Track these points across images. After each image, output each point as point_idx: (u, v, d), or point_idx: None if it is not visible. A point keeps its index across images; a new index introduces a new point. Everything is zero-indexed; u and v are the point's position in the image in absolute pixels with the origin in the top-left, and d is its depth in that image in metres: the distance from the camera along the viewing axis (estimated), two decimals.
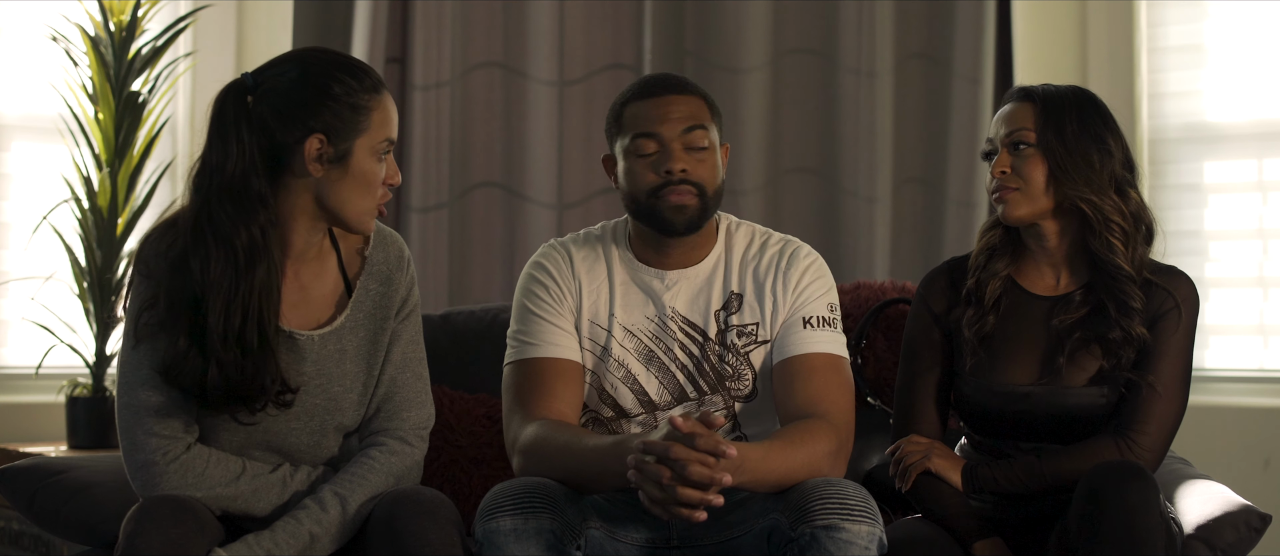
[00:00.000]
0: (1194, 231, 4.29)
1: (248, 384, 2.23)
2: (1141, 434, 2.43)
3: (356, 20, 3.93)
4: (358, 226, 2.32)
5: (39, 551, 3.47)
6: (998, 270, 2.56)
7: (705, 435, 2.15)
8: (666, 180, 2.45)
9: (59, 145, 3.84)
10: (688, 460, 2.14)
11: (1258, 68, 4.25)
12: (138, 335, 2.26)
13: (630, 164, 2.49)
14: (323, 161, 2.24)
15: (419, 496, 2.27)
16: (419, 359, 2.45)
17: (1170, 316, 2.47)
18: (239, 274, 2.20)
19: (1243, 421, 4.10)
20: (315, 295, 2.37)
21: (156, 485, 2.25)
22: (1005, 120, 2.52)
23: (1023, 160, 2.48)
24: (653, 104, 2.48)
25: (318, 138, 2.23)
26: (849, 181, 4.23)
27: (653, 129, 2.46)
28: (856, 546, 2.17)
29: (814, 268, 2.55)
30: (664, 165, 2.45)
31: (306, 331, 2.34)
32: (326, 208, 2.29)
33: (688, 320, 2.53)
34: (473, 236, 4.04)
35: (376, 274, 2.41)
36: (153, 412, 2.25)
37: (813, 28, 4.25)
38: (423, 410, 2.43)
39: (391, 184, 2.31)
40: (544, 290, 2.54)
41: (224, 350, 2.20)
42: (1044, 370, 2.50)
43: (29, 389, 3.90)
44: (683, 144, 2.46)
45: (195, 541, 2.17)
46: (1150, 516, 2.24)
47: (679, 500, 2.15)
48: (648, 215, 2.49)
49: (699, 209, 2.48)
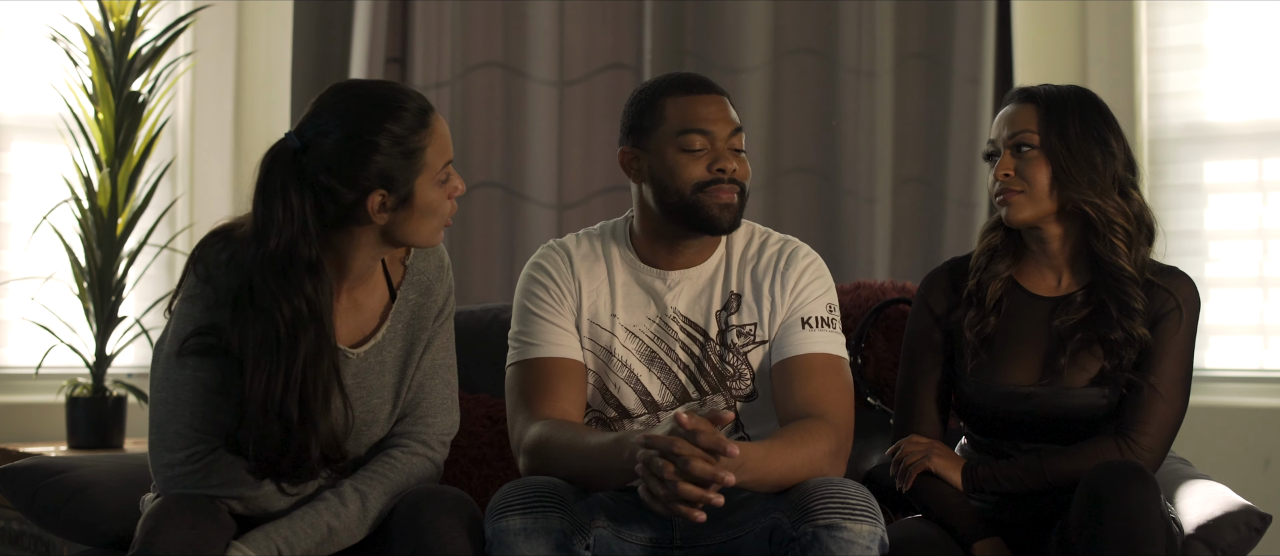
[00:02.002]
0: (1194, 231, 4.29)
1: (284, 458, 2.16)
2: (1142, 434, 2.43)
3: (356, 20, 3.93)
4: (429, 245, 2.30)
5: (39, 551, 3.47)
6: (999, 271, 2.56)
7: (708, 432, 2.15)
8: (717, 177, 2.45)
9: (59, 145, 3.84)
10: (691, 455, 2.14)
11: (1258, 68, 4.25)
12: (181, 350, 2.21)
13: (674, 158, 2.47)
14: (386, 209, 2.21)
15: (443, 494, 2.26)
16: (449, 366, 2.43)
17: (1171, 317, 2.47)
18: (280, 348, 2.14)
19: (1243, 421, 4.10)
20: (366, 310, 2.35)
21: (180, 485, 2.23)
22: (1007, 122, 2.51)
23: (1026, 163, 2.48)
24: (702, 101, 2.48)
25: (379, 193, 2.18)
26: (849, 181, 4.23)
27: (706, 127, 2.46)
28: (858, 546, 2.17)
29: (812, 268, 2.54)
30: (717, 163, 2.45)
31: (354, 349, 2.32)
32: (395, 240, 2.27)
33: (689, 320, 2.53)
34: (473, 236, 4.04)
35: (416, 283, 2.39)
36: (187, 414, 2.22)
37: (813, 28, 4.25)
38: (448, 417, 2.41)
39: (456, 196, 2.27)
40: (544, 291, 2.54)
41: (264, 421, 2.14)
42: (1045, 371, 2.50)
43: (29, 389, 3.90)
44: (729, 145, 2.47)
45: (214, 540, 2.16)
46: (1151, 517, 2.24)
47: (680, 496, 2.15)
48: (687, 210, 2.47)
49: (739, 209, 2.48)
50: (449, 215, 2.27)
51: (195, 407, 2.21)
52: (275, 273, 2.14)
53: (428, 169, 2.21)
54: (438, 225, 2.27)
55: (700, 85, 2.51)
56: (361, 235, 2.25)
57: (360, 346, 2.33)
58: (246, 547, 2.18)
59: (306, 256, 2.15)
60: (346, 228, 2.23)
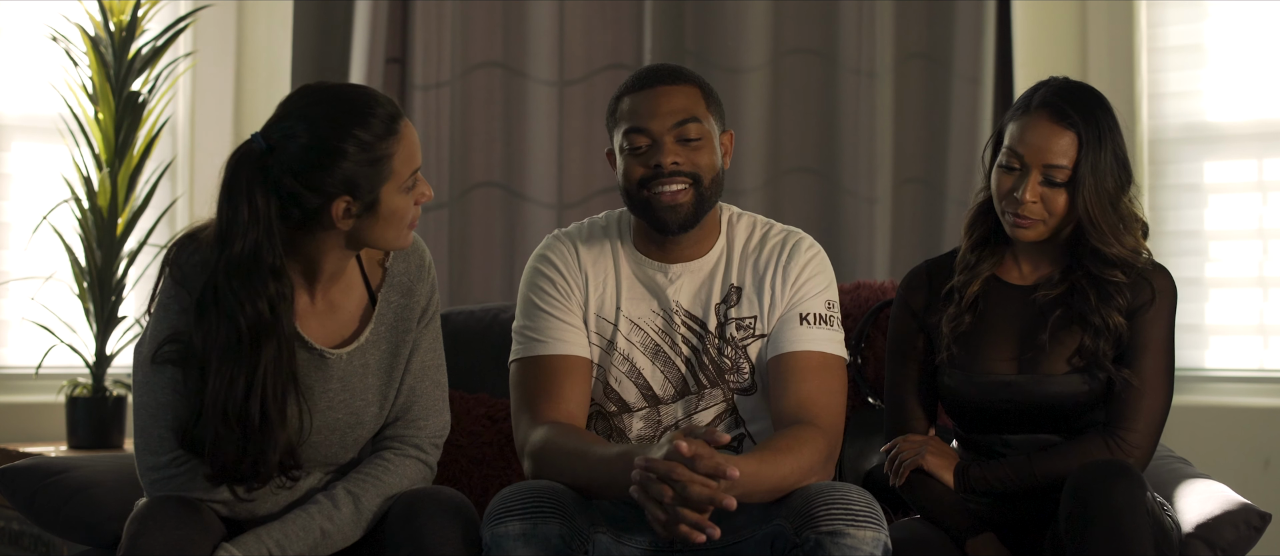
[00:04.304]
0: (1194, 231, 4.29)
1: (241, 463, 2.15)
2: (1130, 431, 2.44)
3: (356, 20, 3.93)
4: (396, 248, 2.29)
5: (39, 551, 3.47)
6: (984, 271, 2.56)
7: (707, 456, 2.14)
8: (655, 172, 2.42)
9: (59, 145, 3.84)
10: (689, 481, 2.14)
11: (1258, 68, 4.25)
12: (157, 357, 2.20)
13: (624, 158, 2.47)
14: (351, 215, 2.19)
15: (439, 495, 2.26)
16: (438, 366, 2.42)
17: (1148, 308, 2.47)
18: (242, 352, 2.13)
19: (1243, 421, 4.09)
20: (343, 312, 2.34)
21: (166, 487, 2.23)
22: (1043, 145, 2.44)
23: (1053, 191, 2.45)
24: (644, 96, 2.45)
25: (344, 200, 2.17)
26: (849, 181, 4.23)
27: (643, 123, 2.44)
28: (861, 552, 2.16)
29: (815, 262, 2.53)
30: (654, 159, 2.43)
31: (334, 349, 2.31)
32: (361, 243, 2.26)
33: (690, 313, 2.52)
34: (473, 236, 4.04)
35: (397, 285, 2.38)
36: (169, 417, 2.21)
37: (813, 28, 4.25)
38: (439, 418, 2.41)
39: (423, 202, 2.26)
40: (550, 284, 2.52)
41: (223, 425, 2.13)
42: (1025, 354, 2.50)
43: (29, 389, 3.90)
44: (675, 137, 2.43)
45: (199, 542, 2.16)
46: (1137, 514, 2.24)
47: (680, 520, 2.15)
48: (643, 209, 2.47)
49: (694, 202, 2.45)
50: (415, 219, 2.26)
51: (176, 411, 2.20)
52: (239, 276, 2.12)
53: (395, 176, 2.19)
54: (403, 229, 2.25)
55: (649, 79, 2.47)
56: (327, 239, 2.23)
57: (342, 348, 2.32)
58: (236, 549, 2.17)
59: (270, 261, 2.14)
60: (311, 231, 2.21)
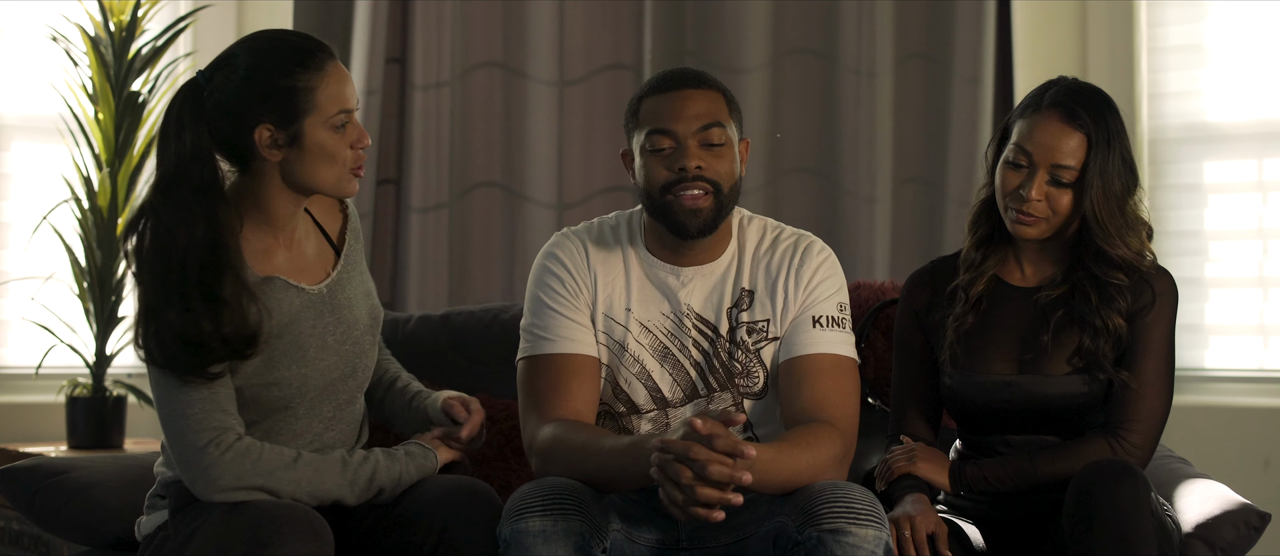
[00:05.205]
0: (1194, 231, 4.29)
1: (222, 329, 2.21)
2: (1131, 432, 2.44)
3: (356, 20, 3.93)
4: (336, 193, 2.34)
5: (39, 551, 3.47)
6: (989, 269, 2.57)
7: (724, 435, 2.15)
8: (680, 176, 2.42)
9: (59, 145, 3.84)
10: (708, 460, 2.14)
11: (1258, 68, 4.25)
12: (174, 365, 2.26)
13: (645, 160, 2.46)
14: (277, 147, 2.27)
15: (475, 487, 2.30)
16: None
17: (1148, 310, 2.47)
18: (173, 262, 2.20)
19: (1243, 421, 4.09)
20: (308, 253, 2.40)
21: (217, 477, 2.20)
22: (1052, 145, 2.45)
23: (1059, 190, 2.46)
24: (669, 99, 2.45)
25: (266, 127, 2.25)
26: (849, 181, 4.23)
27: (667, 125, 2.43)
28: (863, 550, 2.16)
29: (826, 265, 2.53)
30: (678, 162, 2.42)
31: (314, 286, 2.36)
32: (297, 184, 2.31)
33: (702, 317, 2.52)
34: (473, 236, 4.04)
35: (355, 230, 2.47)
36: (196, 411, 2.22)
37: (813, 28, 4.25)
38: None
39: (361, 147, 2.32)
40: (559, 282, 2.51)
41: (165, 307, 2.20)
42: (1026, 354, 2.50)
43: (29, 389, 3.90)
44: (699, 140, 2.43)
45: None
46: (1141, 515, 2.25)
47: (698, 500, 2.15)
48: (662, 213, 2.46)
49: (713, 208, 2.44)
50: (355, 165, 2.32)
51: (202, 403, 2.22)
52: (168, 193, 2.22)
53: (318, 111, 2.26)
54: (340, 171, 2.31)
55: (674, 81, 2.48)
56: (268, 177, 2.30)
57: (320, 284, 2.37)
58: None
59: (201, 177, 2.23)
60: (249, 167, 2.29)
